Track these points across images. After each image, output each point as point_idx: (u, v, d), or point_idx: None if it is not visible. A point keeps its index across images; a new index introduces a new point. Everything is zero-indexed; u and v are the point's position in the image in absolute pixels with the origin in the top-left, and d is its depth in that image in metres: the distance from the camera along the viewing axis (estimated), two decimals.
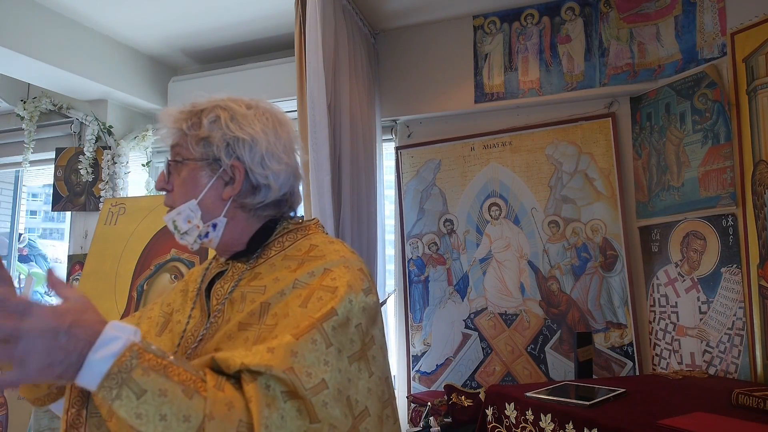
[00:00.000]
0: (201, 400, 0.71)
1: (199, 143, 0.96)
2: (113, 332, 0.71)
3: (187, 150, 0.97)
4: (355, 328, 0.85)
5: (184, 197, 0.97)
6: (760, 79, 1.94)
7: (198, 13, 2.69)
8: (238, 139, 0.96)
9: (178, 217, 0.98)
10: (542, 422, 1.47)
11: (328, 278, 0.89)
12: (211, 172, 0.97)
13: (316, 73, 2.01)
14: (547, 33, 2.59)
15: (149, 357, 0.71)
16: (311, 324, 0.81)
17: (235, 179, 0.97)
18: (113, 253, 2.48)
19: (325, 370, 0.78)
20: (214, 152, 0.96)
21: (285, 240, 1.01)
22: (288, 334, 0.80)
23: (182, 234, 0.99)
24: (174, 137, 0.99)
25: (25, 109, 3.23)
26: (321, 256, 0.94)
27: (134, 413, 0.68)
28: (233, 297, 0.95)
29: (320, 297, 0.86)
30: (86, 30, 2.84)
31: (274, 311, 0.87)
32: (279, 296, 0.89)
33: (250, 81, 2.92)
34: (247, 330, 0.88)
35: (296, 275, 0.91)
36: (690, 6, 2.30)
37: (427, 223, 2.76)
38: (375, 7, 2.64)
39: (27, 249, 4.96)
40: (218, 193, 0.98)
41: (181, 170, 0.98)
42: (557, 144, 2.54)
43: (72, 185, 3.18)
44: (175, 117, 0.99)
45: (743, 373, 1.92)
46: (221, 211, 0.98)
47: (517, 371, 2.51)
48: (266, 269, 0.97)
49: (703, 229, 2.12)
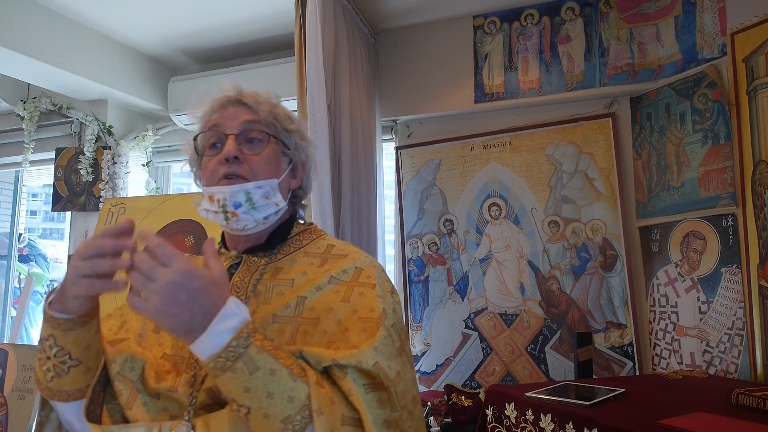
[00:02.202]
0: (303, 385, 0.76)
1: (286, 132, 1.02)
2: (234, 308, 0.76)
3: (277, 132, 1.00)
4: (392, 327, 0.89)
5: (266, 173, 0.97)
6: (760, 79, 1.94)
7: (198, 13, 2.69)
8: (306, 140, 1.06)
9: (257, 190, 0.95)
10: (542, 422, 1.47)
11: (363, 276, 0.93)
12: (288, 160, 1.02)
13: (316, 73, 2.01)
14: (547, 33, 2.59)
15: (261, 337, 0.77)
16: (377, 323, 0.86)
17: (298, 174, 1.05)
18: None
19: (397, 363, 0.84)
20: (293, 145, 1.03)
21: (303, 238, 1.04)
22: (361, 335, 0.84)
23: (252, 208, 0.95)
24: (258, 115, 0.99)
25: (25, 109, 3.23)
26: (345, 255, 0.98)
27: (243, 387, 0.73)
28: (258, 290, 0.96)
29: (361, 292, 0.90)
30: (86, 30, 2.84)
31: (311, 305, 0.90)
32: (315, 291, 0.92)
33: (250, 81, 2.88)
34: (281, 322, 0.90)
35: (330, 272, 0.94)
36: (690, 6, 2.30)
37: (427, 223, 2.76)
38: (375, 7, 2.64)
39: (27, 249, 4.96)
40: (288, 182, 1.02)
41: (265, 148, 0.98)
42: (557, 144, 2.54)
43: (72, 185, 3.18)
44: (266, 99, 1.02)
45: (743, 373, 1.92)
46: (286, 198, 1.02)
47: (517, 371, 2.51)
48: (287, 264, 0.99)
49: (703, 229, 2.12)
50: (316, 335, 0.87)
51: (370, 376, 0.80)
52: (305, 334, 0.87)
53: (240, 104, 1.01)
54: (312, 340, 0.87)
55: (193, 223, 2.41)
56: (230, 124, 0.98)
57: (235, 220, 0.96)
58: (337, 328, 0.87)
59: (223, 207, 0.95)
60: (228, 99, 1.02)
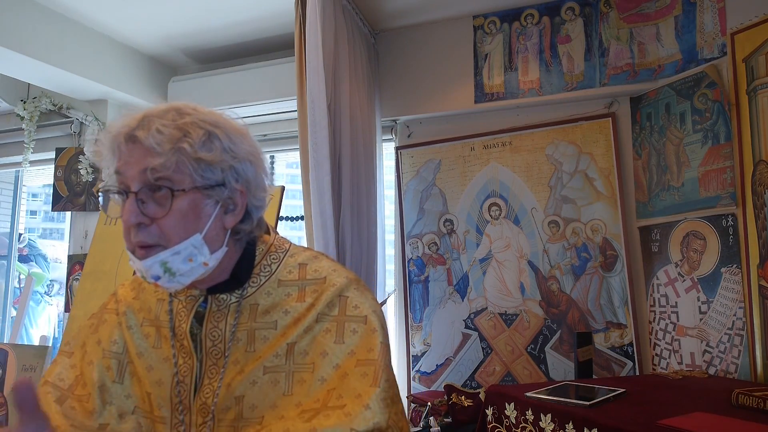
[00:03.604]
0: None
1: (202, 167, 0.80)
2: None
3: (186, 176, 0.80)
4: (388, 355, 0.87)
5: (183, 233, 0.80)
6: (760, 79, 1.94)
7: (198, 13, 2.69)
8: (240, 159, 0.84)
9: (174, 258, 0.80)
10: (542, 422, 1.47)
11: (350, 307, 0.87)
12: (214, 201, 0.83)
13: (316, 73, 2.01)
14: (547, 33, 2.59)
15: None
16: (378, 367, 0.82)
17: (237, 205, 0.86)
18: (113, 253, 2.48)
19: (399, 403, 0.83)
20: (219, 176, 0.82)
21: (270, 262, 0.92)
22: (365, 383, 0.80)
23: (176, 277, 0.81)
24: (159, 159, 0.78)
25: (25, 109, 3.23)
26: (322, 279, 0.90)
27: None
28: (238, 336, 0.87)
29: (354, 329, 0.85)
30: (86, 30, 2.84)
31: (303, 350, 0.85)
32: (304, 334, 0.85)
33: (250, 81, 2.92)
34: (273, 372, 0.84)
35: (315, 308, 0.87)
36: (690, 6, 2.30)
37: (427, 223, 2.76)
38: (375, 7, 2.64)
39: (27, 249, 4.96)
40: (221, 224, 0.85)
41: (177, 203, 0.79)
42: (557, 144, 2.54)
43: (72, 185, 3.18)
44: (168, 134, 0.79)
45: (743, 373, 1.92)
46: (222, 241, 0.85)
47: (517, 371, 2.51)
48: (263, 299, 0.89)
49: (703, 229, 2.12)
50: (314, 384, 0.82)
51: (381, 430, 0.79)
52: (302, 383, 0.82)
53: (135, 142, 0.79)
54: (310, 389, 0.82)
55: None
56: (129, 174, 0.80)
57: (162, 288, 0.84)
58: (336, 374, 0.82)
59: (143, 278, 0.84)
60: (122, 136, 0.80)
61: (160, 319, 0.94)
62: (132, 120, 0.81)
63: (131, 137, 0.80)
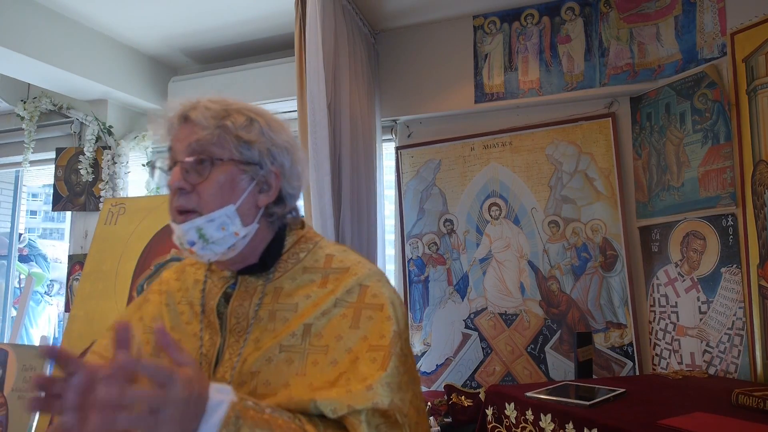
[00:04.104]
0: None
1: (242, 145, 0.89)
2: (216, 397, 0.71)
3: (226, 150, 0.88)
4: (405, 342, 0.88)
5: (218, 201, 0.87)
6: (760, 79, 1.94)
7: (198, 13, 2.69)
8: (278, 146, 0.93)
9: (209, 225, 0.87)
10: (542, 422, 1.47)
11: (369, 295, 0.90)
12: (250, 177, 0.90)
13: (316, 73, 2.01)
14: (547, 33, 2.59)
15: (251, 414, 0.73)
16: (388, 353, 0.83)
17: (271, 187, 0.93)
18: (113, 253, 2.48)
19: (407, 392, 0.83)
20: (257, 156, 0.90)
21: (299, 251, 0.97)
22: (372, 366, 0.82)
23: (209, 244, 0.88)
24: (204, 132, 0.88)
25: (25, 109, 3.23)
26: (346, 269, 0.93)
27: None
28: (260, 315, 0.91)
29: (370, 316, 0.87)
30: (86, 30, 2.84)
31: (318, 332, 0.87)
32: (321, 316, 0.88)
33: (250, 81, 2.92)
34: (289, 352, 0.86)
35: (334, 293, 0.90)
36: (690, 6, 2.30)
37: (427, 223, 2.76)
38: (375, 7, 2.64)
39: (27, 249, 4.96)
40: (254, 201, 0.91)
41: (215, 172, 0.88)
42: (557, 144, 2.54)
43: (72, 185, 3.18)
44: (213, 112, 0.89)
45: (743, 373, 1.92)
46: (254, 218, 0.92)
47: (517, 371, 2.51)
48: (287, 283, 0.94)
49: (703, 229, 2.12)
50: (326, 366, 0.84)
51: (385, 416, 0.79)
52: (315, 365, 0.84)
53: (187, 121, 0.90)
54: (323, 370, 0.83)
55: None
56: (178, 147, 0.90)
57: (195, 256, 0.90)
58: (348, 358, 0.84)
59: (180, 245, 0.90)
60: (176, 117, 0.92)
61: (194, 297, 0.99)
62: (187, 103, 0.91)
63: (184, 117, 0.90)
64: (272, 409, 0.77)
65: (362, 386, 0.79)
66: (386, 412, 0.79)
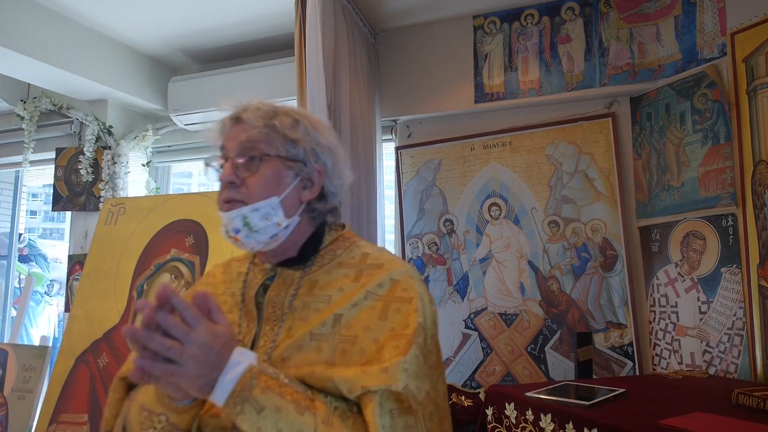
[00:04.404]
0: (311, 417, 0.79)
1: (288, 143, 0.97)
2: (238, 357, 0.80)
3: (273, 147, 0.96)
4: (430, 338, 0.90)
5: (264, 193, 0.95)
6: (760, 79, 1.94)
7: (198, 13, 2.69)
8: (321, 146, 1.00)
9: (254, 214, 0.94)
10: (542, 422, 1.47)
11: (399, 289, 0.93)
12: (294, 173, 0.98)
13: (316, 73, 2.01)
14: (547, 33, 2.59)
15: (266, 378, 0.80)
16: (409, 341, 0.85)
17: (314, 183, 1.00)
18: (113, 253, 2.48)
19: (426, 381, 0.85)
20: (301, 154, 0.98)
21: (336, 248, 1.03)
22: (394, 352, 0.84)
23: (252, 232, 0.95)
24: (253, 131, 0.96)
25: (25, 109, 3.23)
26: (380, 265, 0.97)
27: (255, 427, 0.77)
28: (294, 306, 0.96)
29: (398, 309, 0.90)
30: (86, 30, 2.84)
31: (348, 322, 0.91)
32: (351, 307, 0.92)
33: (250, 81, 2.92)
34: (319, 340, 0.90)
35: (366, 287, 0.94)
36: (690, 6, 2.30)
37: (427, 223, 2.76)
38: (375, 7, 2.64)
39: (27, 249, 4.96)
40: (298, 195, 0.99)
41: (263, 167, 0.96)
42: (557, 144, 2.54)
43: (72, 185, 3.18)
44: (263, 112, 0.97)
45: (743, 373, 1.92)
46: (296, 212, 0.99)
47: (517, 371, 2.51)
48: (323, 277, 0.98)
49: (703, 229, 2.12)
50: (354, 355, 0.87)
51: (398, 400, 0.81)
52: (344, 354, 0.88)
53: (239, 122, 0.98)
54: (350, 359, 0.87)
55: (192, 223, 2.41)
56: (230, 146, 0.98)
57: (241, 244, 0.97)
58: (374, 348, 0.87)
59: (227, 233, 0.97)
60: (229, 118, 1.00)
61: (236, 288, 1.06)
62: (238, 105, 1.00)
63: (236, 119, 0.98)
64: (289, 379, 0.83)
65: (378, 367, 0.82)
66: (399, 396, 0.81)
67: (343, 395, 0.82)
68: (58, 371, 2.30)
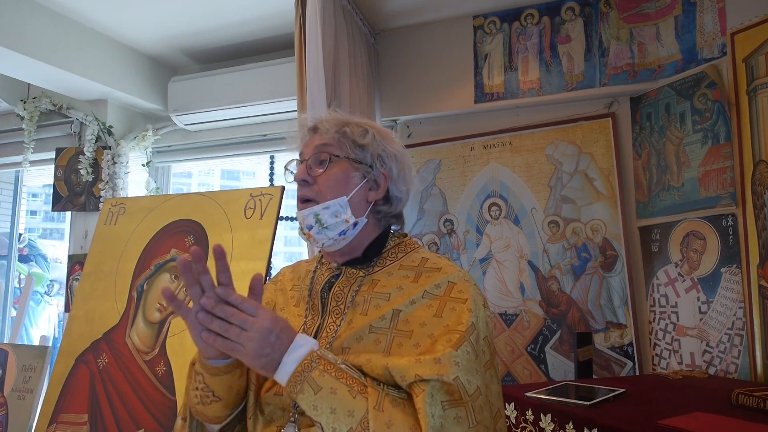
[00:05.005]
0: (363, 400, 0.85)
1: (356, 148, 1.06)
2: (301, 341, 0.89)
3: (343, 150, 1.05)
4: (483, 340, 0.95)
5: (334, 192, 1.03)
6: (760, 79, 1.94)
7: (198, 13, 2.69)
8: (387, 152, 1.08)
9: (324, 211, 1.02)
10: (542, 422, 1.47)
11: (455, 290, 0.98)
12: (362, 175, 1.06)
13: (316, 73, 2.01)
14: (547, 33, 2.59)
15: (325, 362, 0.88)
16: (462, 336, 0.91)
17: (380, 186, 1.08)
18: (113, 253, 2.47)
19: (477, 377, 0.89)
20: (369, 159, 1.06)
21: (398, 251, 1.10)
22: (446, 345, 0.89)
23: (323, 228, 1.02)
24: (327, 136, 1.06)
25: (25, 109, 3.23)
26: (438, 269, 1.03)
27: (312, 405, 0.85)
28: (356, 301, 1.03)
29: (453, 308, 0.96)
30: (86, 30, 2.84)
31: (405, 318, 0.97)
32: (409, 304, 0.98)
33: (250, 81, 2.92)
34: (377, 333, 0.97)
35: (424, 286, 1.00)
36: (690, 6, 2.30)
37: (427, 223, 2.76)
38: (375, 7, 2.64)
39: (27, 249, 4.96)
40: (364, 196, 1.06)
41: (333, 167, 1.04)
42: (557, 144, 2.54)
43: (72, 185, 3.18)
44: (336, 121, 1.08)
45: (743, 373, 1.92)
46: (364, 212, 1.06)
47: (517, 371, 2.51)
48: (384, 277, 1.05)
49: (703, 229, 2.12)
50: (409, 348, 0.93)
51: (449, 392, 0.85)
52: (399, 346, 0.94)
53: (315, 131, 1.09)
54: (405, 351, 0.92)
55: (193, 223, 2.41)
56: (306, 151, 1.08)
57: (313, 240, 1.05)
58: (429, 341, 0.92)
59: (301, 229, 1.06)
60: (308, 129, 1.11)
61: (305, 284, 1.14)
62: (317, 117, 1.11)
63: (314, 128, 1.10)
64: (346, 366, 0.90)
65: (431, 357, 0.87)
66: (450, 388, 0.85)
67: (395, 384, 0.88)
68: (58, 371, 2.30)
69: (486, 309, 0.99)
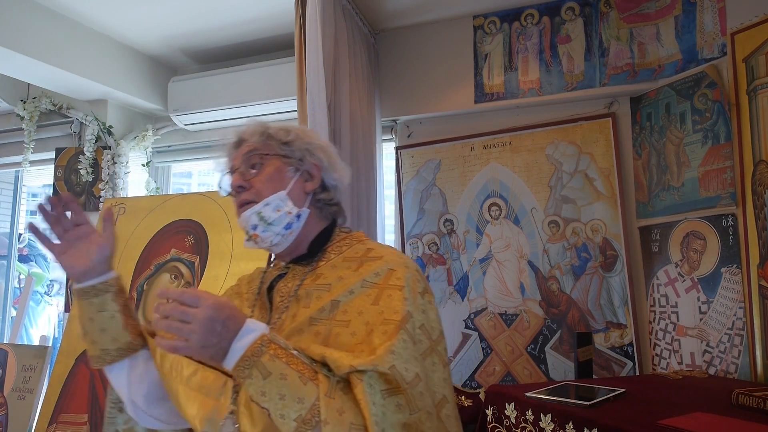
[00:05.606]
0: (314, 387, 0.84)
1: (283, 146, 1.09)
2: (252, 326, 0.88)
3: (272, 149, 1.09)
4: (419, 328, 0.94)
5: (271, 189, 1.06)
6: (760, 79, 1.94)
7: (198, 13, 2.69)
8: (314, 145, 1.12)
9: (266, 208, 1.04)
10: (542, 422, 1.47)
11: (393, 277, 0.98)
12: (294, 169, 1.09)
13: (316, 73, 2.01)
14: (547, 33, 2.59)
15: (276, 347, 0.87)
16: (397, 326, 0.91)
17: (314, 177, 1.11)
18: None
19: (416, 365, 0.89)
20: (297, 153, 1.10)
21: (342, 245, 1.11)
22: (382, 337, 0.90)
23: (268, 225, 1.04)
24: (253, 142, 1.09)
25: (25, 109, 3.23)
26: (380, 257, 1.03)
27: (260, 391, 0.84)
28: (299, 294, 1.04)
29: (390, 295, 0.96)
30: (86, 30, 2.84)
31: (344, 308, 0.97)
32: (348, 294, 0.98)
33: (250, 81, 2.92)
34: (317, 324, 0.97)
35: (363, 275, 1.00)
36: (690, 6, 2.30)
37: (427, 223, 2.76)
38: (375, 7, 2.64)
39: (27, 249, 4.96)
40: (302, 187, 1.09)
41: (265, 167, 1.07)
42: (557, 144, 2.54)
43: (72, 185, 3.18)
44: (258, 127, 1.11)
45: (743, 373, 1.92)
46: (304, 203, 1.09)
47: (517, 371, 2.51)
48: (328, 270, 1.06)
49: (703, 229, 2.12)
50: (346, 336, 0.93)
51: (387, 381, 0.85)
52: (337, 336, 0.94)
53: (241, 143, 1.12)
54: (342, 341, 0.93)
55: (192, 223, 2.41)
56: (236, 162, 1.11)
57: (260, 240, 1.06)
58: (365, 330, 0.92)
59: (246, 233, 1.07)
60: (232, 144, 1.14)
61: (255, 285, 1.17)
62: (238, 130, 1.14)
63: (238, 141, 1.12)
64: (298, 351, 0.89)
65: (368, 349, 0.88)
66: (387, 377, 0.85)
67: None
68: (58, 371, 2.30)
69: (427, 295, 0.99)
